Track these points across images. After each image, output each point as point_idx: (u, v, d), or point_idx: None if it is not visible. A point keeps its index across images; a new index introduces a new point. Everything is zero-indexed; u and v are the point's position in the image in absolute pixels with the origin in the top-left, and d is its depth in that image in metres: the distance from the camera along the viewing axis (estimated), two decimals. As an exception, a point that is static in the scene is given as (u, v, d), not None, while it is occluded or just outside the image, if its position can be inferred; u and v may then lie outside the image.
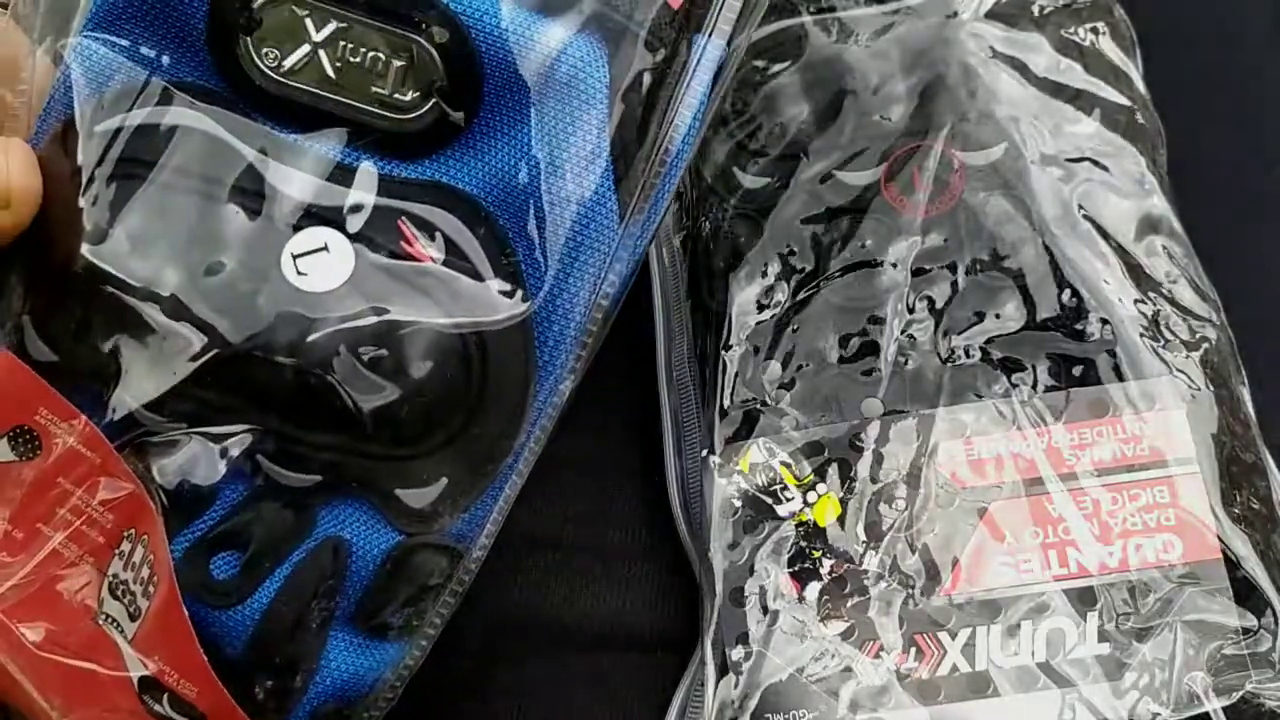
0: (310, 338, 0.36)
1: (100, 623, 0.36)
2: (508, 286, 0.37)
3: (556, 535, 0.44)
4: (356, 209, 0.36)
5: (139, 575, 0.36)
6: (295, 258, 0.36)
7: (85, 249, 0.35)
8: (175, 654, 0.35)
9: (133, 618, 0.36)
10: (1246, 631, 0.36)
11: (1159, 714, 0.36)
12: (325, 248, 0.36)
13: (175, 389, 0.36)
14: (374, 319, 0.36)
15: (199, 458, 0.36)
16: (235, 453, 0.36)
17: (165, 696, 0.36)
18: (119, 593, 0.36)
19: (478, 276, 0.37)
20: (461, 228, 0.37)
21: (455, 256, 0.37)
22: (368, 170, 0.37)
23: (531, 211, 0.37)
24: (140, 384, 0.36)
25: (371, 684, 0.38)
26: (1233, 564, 0.37)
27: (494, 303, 0.37)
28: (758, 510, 0.40)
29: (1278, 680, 0.36)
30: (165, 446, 0.36)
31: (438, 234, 0.37)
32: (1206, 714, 0.36)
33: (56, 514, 0.36)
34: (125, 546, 0.36)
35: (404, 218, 0.36)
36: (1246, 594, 0.37)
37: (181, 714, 0.36)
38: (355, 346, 0.36)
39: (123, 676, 0.36)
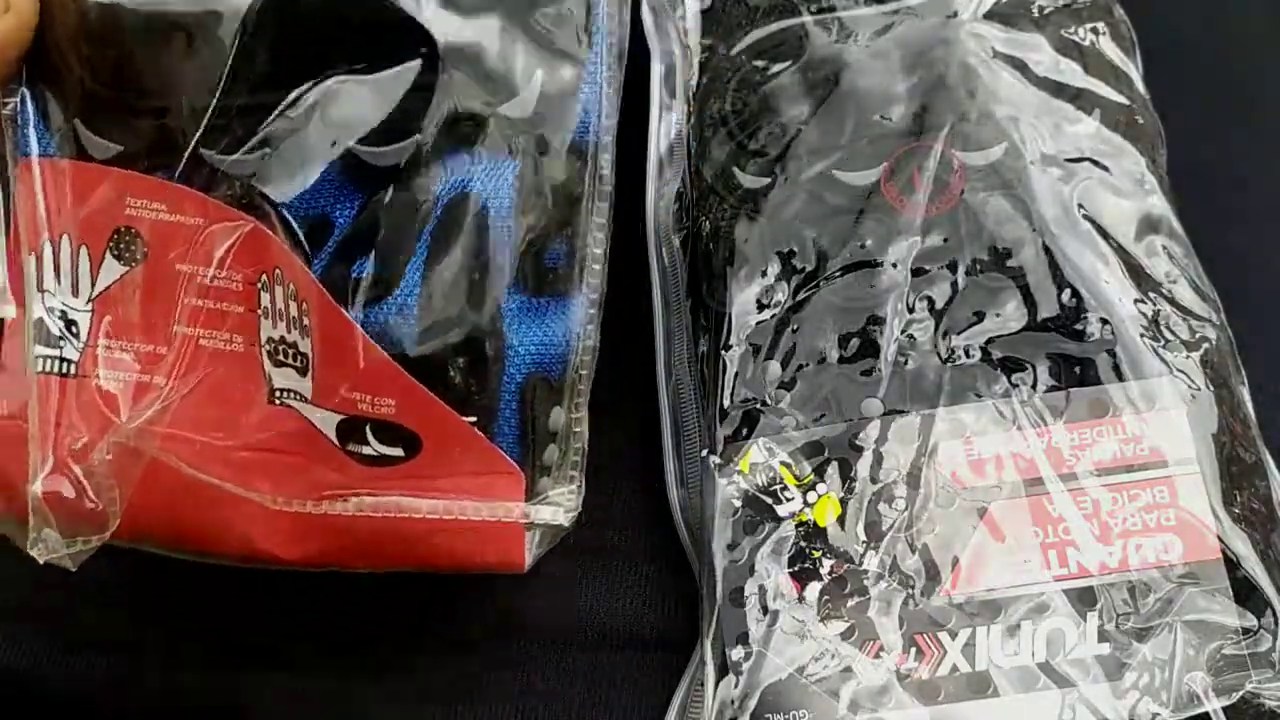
0: None
1: (277, 402, 0.34)
2: None
3: (556, 535, 0.44)
4: None
5: (290, 319, 0.34)
6: None
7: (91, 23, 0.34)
8: (358, 371, 0.33)
9: (303, 371, 0.34)
10: (1246, 631, 0.36)
11: (1159, 714, 0.36)
12: None
13: (241, 70, 0.34)
14: None
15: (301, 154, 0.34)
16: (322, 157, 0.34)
17: (367, 429, 0.34)
18: (281, 355, 0.34)
19: None
20: None
21: None
22: None
23: None
24: (201, 93, 0.34)
25: (566, 344, 0.37)
26: (1233, 564, 0.37)
27: None
28: (758, 510, 0.40)
29: (1278, 680, 0.36)
30: (257, 159, 0.34)
31: None
32: (1206, 714, 0.36)
33: (186, 305, 0.34)
34: (265, 300, 0.34)
35: None
36: (1246, 594, 0.37)
37: (390, 443, 0.34)
38: None
39: (318, 438, 0.34)
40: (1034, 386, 0.39)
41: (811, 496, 0.40)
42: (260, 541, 0.35)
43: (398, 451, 0.34)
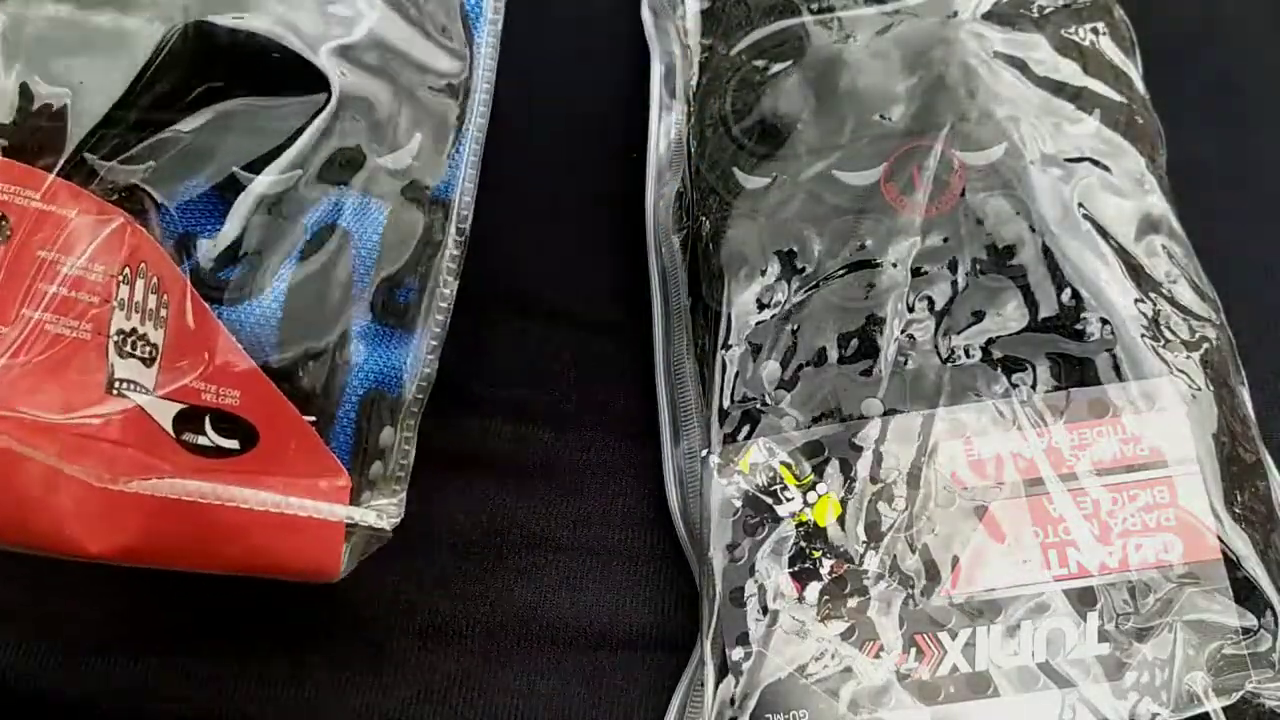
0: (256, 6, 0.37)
1: (115, 391, 0.35)
2: None
3: (556, 535, 0.44)
4: None
5: (146, 311, 0.36)
6: None
7: None
8: (208, 362, 0.36)
9: (148, 361, 0.36)
10: (1246, 631, 0.36)
11: (1159, 714, 0.36)
12: None
13: (145, 87, 0.37)
14: None
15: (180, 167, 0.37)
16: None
17: (206, 420, 0.36)
18: (130, 347, 0.36)
19: None
20: None
21: None
22: None
23: None
24: (93, 97, 0.37)
25: (405, 370, 0.40)
26: (1233, 564, 0.37)
27: None
28: (758, 510, 0.40)
29: (1278, 680, 0.36)
30: (137, 158, 0.36)
31: None
32: (1206, 714, 0.36)
33: (39, 290, 0.35)
34: (123, 293, 0.36)
35: None
36: (1246, 594, 0.37)
37: (228, 435, 0.36)
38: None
39: (153, 428, 0.35)
40: (1034, 386, 0.39)
41: (811, 496, 0.40)
42: (71, 525, 0.35)
43: (233, 444, 0.36)
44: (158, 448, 0.36)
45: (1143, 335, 0.39)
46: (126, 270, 0.36)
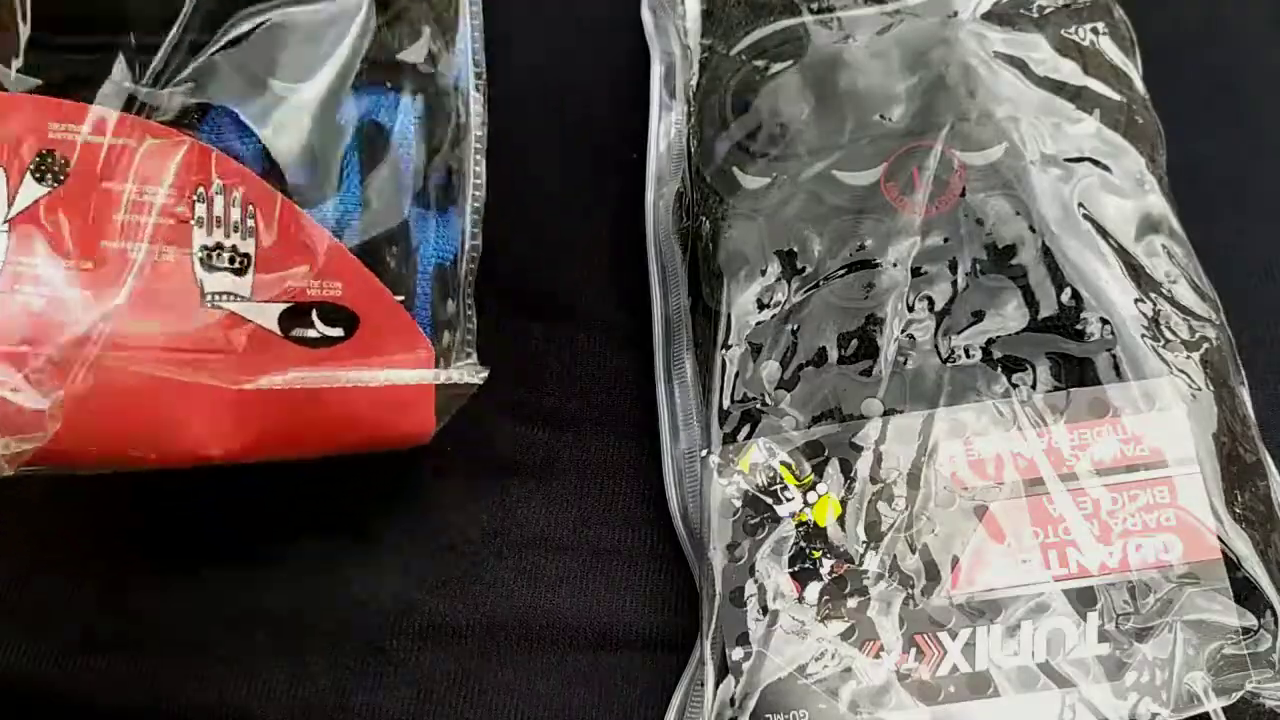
0: None
1: (209, 305, 0.37)
2: None
3: (556, 535, 0.44)
4: None
5: (229, 224, 0.38)
6: None
7: None
8: (308, 259, 0.38)
9: (240, 271, 0.37)
10: (1246, 631, 0.36)
11: (1159, 714, 0.36)
12: None
13: (181, 11, 0.38)
14: None
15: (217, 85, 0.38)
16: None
17: (313, 314, 0.38)
18: (216, 261, 0.37)
19: None
20: None
21: None
22: None
23: None
24: (137, 31, 0.37)
25: (457, 245, 0.44)
26: (1233, 564, 0.37)
27: None
28: (758, 510, 0.40)
29: (1278, 680, 0.36)
30: (183, 80, 0.37)
31: None
32: (1206, 714, 0.36)
33: (115, 221, 0.36)
34: (201, 210, 0.37)
35: None
36: (1246, 594, 0.37)
37: (333, 324, 0.38)
38: None
39: (260, 333, 0.37)
40: (1034, 386, 0.39)
41: (811, 496, 0.40)
42: (202, 432, 0.37)
43: (338, 332, 0.39)
44: (269, 347, 0.38)
45: (1143, 335, 0.39)
46: (201, 189, 0.37)
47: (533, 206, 0.49)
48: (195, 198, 0.37)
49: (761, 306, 0.42)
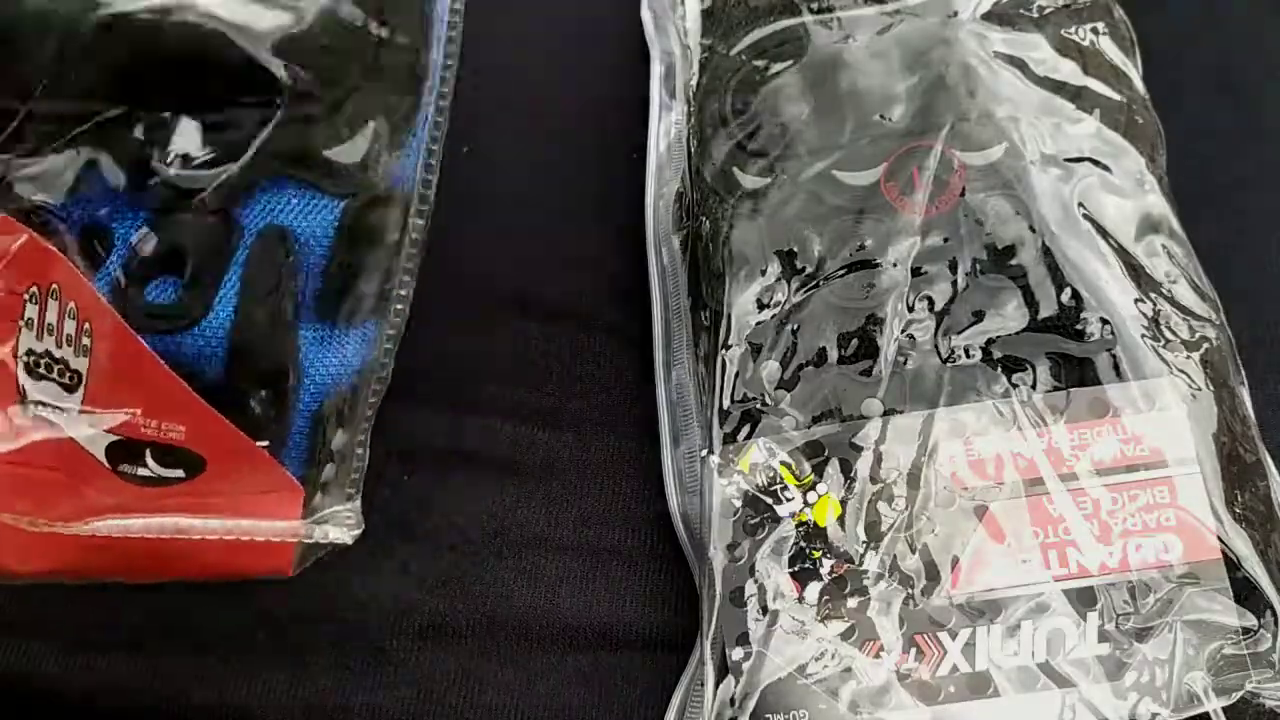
0: None
1: (29, 415, 0.32)
2: None
3: (556, 535, 0.44)
4: None
5: (62, 335, 0.32)
6: None
7: None
8: (147, 396, 0.32)
9: (70, 388, 0.32)
10: (1246, 631, 0.36)
11: (1159, 714, 0.36)
12: None
13: (34, 105, 0.32)
14: None
15: (91, 180, 0.32)
16: (127, 164, 0.32)
17: (147, 453, 0.33)
18: (44, 369, 0.32)
19: None
20: None
21: None
22: None
23: None
24: (7, 96, 0.32)
25: (360, 369, 0.37)
26: (1233, 564, 0.37)
27: None
28: (758, 510, 0.40)
29: (1278, 680, 0.36)
30: (42, 175, 0.32)
31: None
32: (1206, 714, 0.36)
33: None
34: (31, 312, 0.32)
35: None
36: (1246, 594, 0.37)
37: (171, 465, 0.33)
38: None
39: (82, 456, 0.32)
40: (1034, 386, 0.39)
41: (811, 496, 0.40)
42: (7, 556, 0.33)
43: (178, 473, 0.33)
44: (94, 477, 0.33)
45: (1143, 335, 0.39)
46: (34, 289, 0.32)
47: (532, 206, 0.49)
48: (27, 296, 0.32)
49: (761, 306, 0.42)
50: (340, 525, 0.37)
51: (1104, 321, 0.40)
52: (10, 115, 0.32)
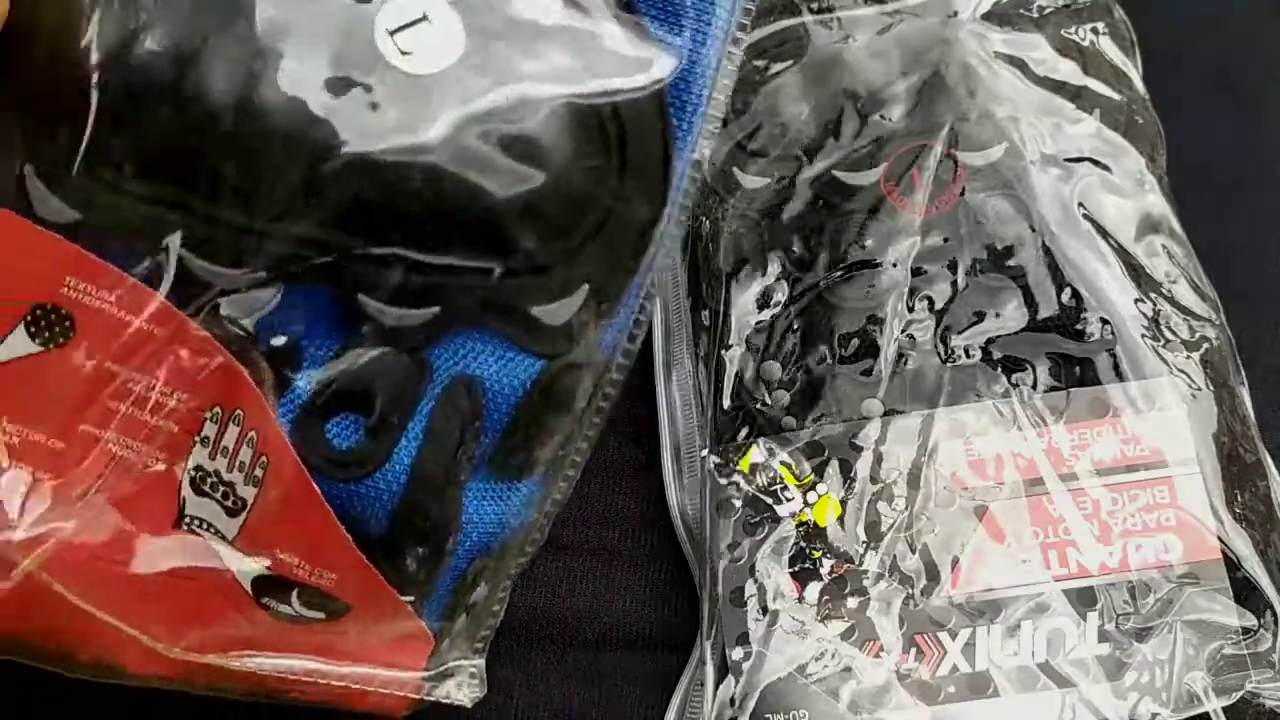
0: (433, 131, 0.29)
1: (184, 527, 0.31)
2: (644, 44, 0.31)
3: (556, 535, 0.44)
4: None
5: (235, 461, 0.31)
6: (392, 34, 0.30)
7: (103, 52, 0.28)
8: (307, 541, 0.31)
9: (232, 512, 0.31)
10: (1246, 631, 0.36)
11: (1159, 714, 0.36)
12: (426, 17, 0.30)
13: (263, 228, 0.29)
14: (502, 97, 0.30)
15: (291, 306, 0.30)
16: (330, 294, 0.30)
17: (294, 594, 0.31)
18: (207, 487, 0.31)
19: (609, 33, 0.31)
20: None
21: (577, 9, 0.31)
22: None
23: None
24: (211, 230, 0.29)
25: (518, 528, 0.34)
26: (1233, 564, 0.37)
27: (631, 64, 0.31)
28: (758, 510, 0.40)
29: (1278, 680, 0.36)
30: (245, 298, 0.30)
31: None
32: (1206, 714, 0.36)
33: (109, 409, 0.29)
34: (209, 430, 0.30)
35: None
36: (1246, 594, 0.37)
37: (315, 608, 0.32)
38: (487, 131, 0.30)
39: (227, 581, 0.30)
40: (1034, 386, 0.39)
41: (811, 496, 0.40)
42: (137, 668, 0.32)
43: (318, 615, 0.32)
44: (236, 603, 0.31)
45: (1143, 335, 0.39)
46: (217, 409, 0.30)
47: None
48: (209, 415, 0.30)
49: (761, 306, 0.42)
50: (463, 683, 0.35)
51: (1104, 321, 0.40)
52: (239, 235, 0.29)
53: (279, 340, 0.30)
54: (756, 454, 0.40)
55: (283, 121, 0.29)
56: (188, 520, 0.31)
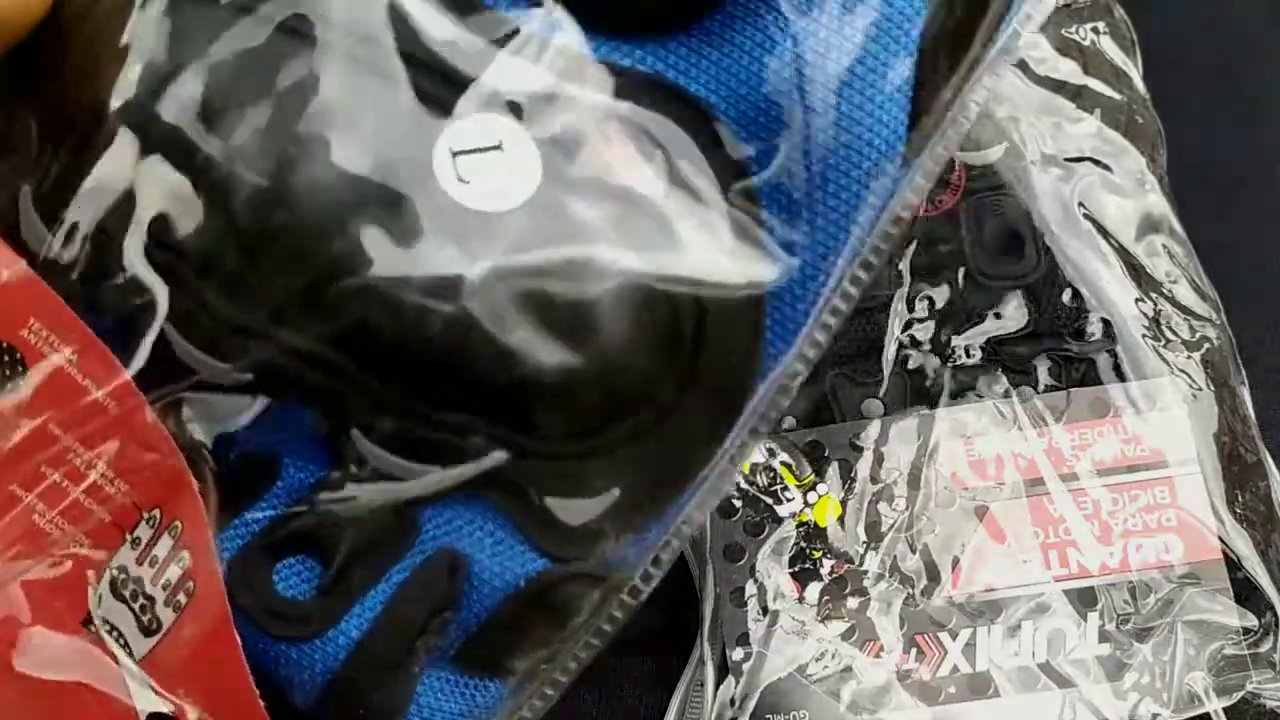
0: (471, 272, 0.25)
1: (91, 627, 0.27)
2: (753, 243, 0.26)
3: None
4: (548, 99, 0.25)
5: (162, 576, 0.26)
6: (455, 155, 0.25)
7: (129, 94, 0.25)
8: (214, 694, 0.26)
9: (147, 631, 0.27)
10: (1247, 631, 0.36)
11: (1159, 714, 0.36)
12: (499, 146, 0.25)
13: (258, 327, 0.25)
14: (562, 256, 0.25)
15: (272, 422, 0.26)
16: (320, 420, 0.26)
17: None
18: (126, 592, 0.27)
19: (712, 220, 0.26)
20: (694, 150, 0.26)
21: (680, 188, 0.26)
22: (571, 47, 0.25)
23: (792, 140, 0.26)
24: (199, 310, 0.25)
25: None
26: (1233, 564, 0.37)
27: (728, 260, 0.26)
28: (758, 510, 0.40)
29: (1278, 680, 0.36)
30: (218, 401, 0.26)
31: (659, 154, 0.26)
32: (1207, 714, 0.36)
33: (41, 473, 0.25)
34: (142, 532, 0.27)
35: (616, 121, 0.25)
36: (1247, 594, 0.37)
37: None
38: (533, 292, 0.25)
39: (122, 707, 0.26)
40: (1034, 386, 0.39)
41: (811, 496, 0.40)
42: None
43: None
44: None
45: (1143, 335, 0.39)
46: (156, 512, 0.26)
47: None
48: (145, 517, 0.26)
49: (761, 306, 0.42)
50: None
51: (1104, 321, 0.40)
52: (229, 325, 0.25)
53: (250, 455, 0.26)
54: (756, 454, 0.40)
55: (305, 217, 0.25)
56: (99, 621, 0.26)
